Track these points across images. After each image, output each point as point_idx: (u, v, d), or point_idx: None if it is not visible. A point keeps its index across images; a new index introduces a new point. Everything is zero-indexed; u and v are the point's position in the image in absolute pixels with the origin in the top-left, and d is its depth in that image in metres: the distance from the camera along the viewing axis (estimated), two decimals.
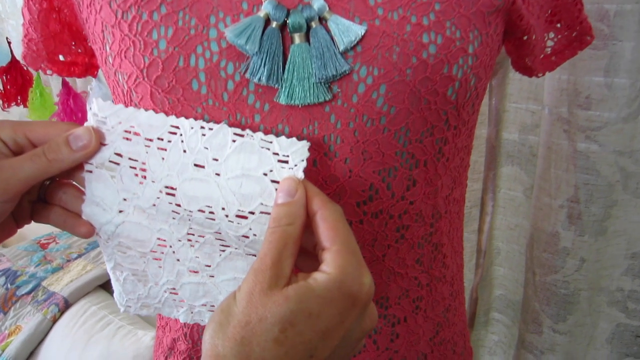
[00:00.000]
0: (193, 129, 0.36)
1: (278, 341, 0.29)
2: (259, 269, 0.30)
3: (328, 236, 0.31)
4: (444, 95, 0.39)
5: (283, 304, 0.29)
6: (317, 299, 0.29)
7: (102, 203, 0.38)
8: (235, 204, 0.35)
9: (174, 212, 0.37)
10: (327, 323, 0.29)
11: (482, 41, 0.39)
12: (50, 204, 0.39)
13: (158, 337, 0.58)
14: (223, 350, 0.29)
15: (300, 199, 0.33)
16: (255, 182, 0.35)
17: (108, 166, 0.37)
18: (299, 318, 0.29)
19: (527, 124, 0.76)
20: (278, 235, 0.31)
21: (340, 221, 0.32)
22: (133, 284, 0.41)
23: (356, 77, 0.37)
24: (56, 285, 1.42)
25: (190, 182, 0.36)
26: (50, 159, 0.35)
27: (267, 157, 0.35)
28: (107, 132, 0.37)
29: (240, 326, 0.29)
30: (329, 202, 0.33)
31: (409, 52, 0.36)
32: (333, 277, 0.30)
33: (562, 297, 0.69)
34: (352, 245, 0.31)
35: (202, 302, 0.41)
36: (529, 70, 0.50)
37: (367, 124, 0.38)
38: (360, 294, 0.30)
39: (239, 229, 0.35)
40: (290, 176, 0.34)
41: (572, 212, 0.64)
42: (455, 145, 0.43)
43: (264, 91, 0.37)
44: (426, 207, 0.44)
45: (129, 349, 1.15)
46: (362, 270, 0.31)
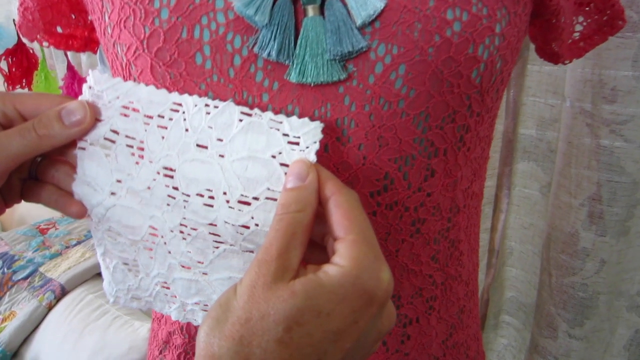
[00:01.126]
0: (197, 106, 0.33)
1: (282, 342, 0.25)
2: (263, 259, 0.27)
3: (342, 225, 0.28)
4: (468, 77, 0.35)
5: (289, 300, 0.26)
6: (328, 295, 0.26)
7: (94, 183, 0.35)
8: (238, 188, 0.32)
9: (170, 196, 0.34)
10: (338, 323, 0.26)
11: (509, 20, 0.36)
12: (41, 182, 0.37)
13: (153, 330, 0.55)
14: (219, 350, 0.26)
15: (311, 183, 0.30)
16: (262, 165, 0.32)
17: (103, 144, 0.34)
18: (306, 316, 0.26)
19: (545, 118, 0.72)
20: (286, 223, 0.28)
21: (356, 208, 0.29)
22: (123, 274, 0.38)
23: (373, 56, 0.34)
24: (53, 272, 1.39)
25: (192, 164, 0.33)
26: (40, 135, 0.33)
27: (276, 139, 0.32)
28: (103, 107, 0.34)
29: (240, 323, 0.26)
30: (343, 187, 0.30)
31: (432, 29, 0.33)
32: (347, 270, 0.27)
33: (580, 300, 0.66)
34: (369, 236, 0.28)
35: (195, 300, 0.38)
36: (555, 56, 0.47)
37: (384, 107, 0.35)
38: (377, 291, 0.27)
39: (239, 217, 0.32)
40: (302, 159, 0.31)
41: (593, 211, 0.61)
42: (477, 134, 0.40)
43: (273, 68, 0.34)
44: (444, 199, 0.41)
45: (125, 340, 1.13)
46: (380, 264, 0.28)
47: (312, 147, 0.32)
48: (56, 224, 1.68)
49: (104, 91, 0.34)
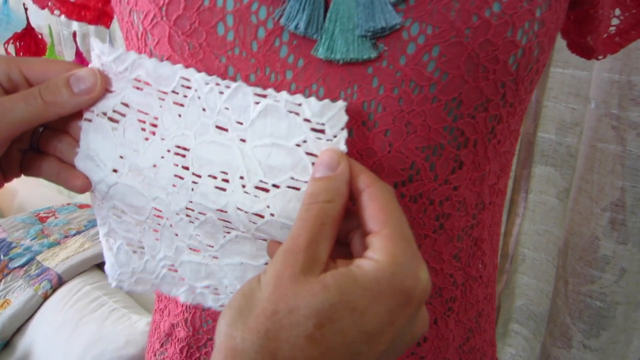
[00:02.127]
0: (208, 85, 0.31)
1: (312, 339, 0.23)
2: (290, 250, 0.25)
3: (377, 218, 0.26)
4: (505, 63, 0.33)
5: (320, 294, 0.24)
6: (362, 291, 0.24)
7: (97, 158, 0.33)
8: (258, 174, 0.30)
9: (177, 176, 0.31)
10: (374, 323, 0.24)
11: (550, 5, 0.34)
12: (43, 154, 0.34)
13: (155, 322, 0.53)
14: (242, 344, 0.24)
15: (342, 173, 0.28)
16: (286, 153, 0.30)
17: (112, 116, 0.32)
18: (340, 313, 0.23)
19: (566, 121, 0.70)
20: (314, 213, 0.26)
21: (392, 202, 0.27)
22: (127, 256, 0.36)
23: (406, 35, 0.32)
24: (51, 261, 1.37)
25: (210, 145, 0.31)
26: (47, 102, 0.31)
27: (297, 125, 0.30)
28: (114, 78, 0.32)
29: (265, 316, 0.24)
30: (378, 180, 0.28)
31: (470, 8, 0.31)
32: (383, 266, 0.25)
33: (597, 310, 0.63)
34: (405, 232, 0.26)
35: (205, 284, 0.36)
36: (588, 51, 0.45)
37: (415, 92, 0.33)
38: (415, 291, 0.25)
39: (254, 204, 0.30)
40: (332, 148, 0.29)
41: (615, 218, 0.59)
42: (508, 126, 0.38)
43: (299, 43, 0.32)
44: (470, 194, 0.39)
45: (122, 333, 1.10)
46: (418, 261, 0.26)
47: (340, 135, 0.29)
48: (56, 213, 1.65)
49: (113, 61, 0.32)
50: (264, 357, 0.23)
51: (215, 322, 0.45)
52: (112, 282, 0.38)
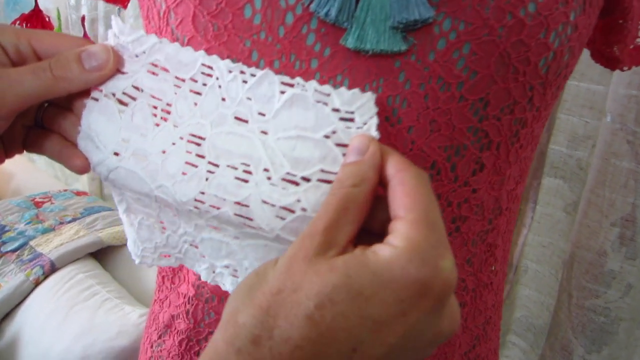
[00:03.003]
0: (232, 73, 0.30)
1: (311, 319, 0.22)
2: (308, 232, 0.24)
3: (404, 203, 0.25)
4: (536, 65, 0.33)
5: (325, 275, 0.23)
6: (371, 276, 0.23)
7: (97, 139, 0.31)
8: (284, 166, 0.28)
9: (189, 164, 0.30)
10: (380, 310, 0.23)
11: (584, 10, 0.33)
12: (47, 131, 0.33)
13: (153, 312, 0.52)
14: (243, 318, 0.23)
15: (371, 158, 0.26)
16: (313, 146, 0.28)
17: (120, 98, 0.31)
18: (342, 296, 0.22)
19: (578, 134, 0.70)
20: (338, 197, 0.25)
21: (422, 187, 0.25)
22: (149, 230, 0.35)
23: (437, 30, 0.31)
24: (44, 247, 1.35)
25: (227, 136, 0.29)
26: (56, 76, 0.30)
27: (325, 115, 0.28)
28: (128, 60, 0.31)
29: (271, 293, 0.23)
30: (411, 165, 0.26)
31: (505, 6, 0.30)
32: (400, 252, 0.23)
33: (600, 325, 0.63)
34: (433, 217, 0.24)
35: (225, 263, 0.34)
36: (613, 61, 0.44)
37: (441, 89, 0.32)
38: (433, 281, 0.23)
39: (283, 197, 0.28)
40: (362, 134, 0.28)
41: (624, 233, 0.58)
42: (532, 131, 0.38)
43: (327, 32, 0.31)
44: (489, 198, 0.38)
45: (114, 324, 1.08)
46: (441, 249, 0.24)
47: (371, 122, 0.28)
48: (52, 199, 1.63)
49: (130, 43, 0.31)
50: (261, 332, 0.23)
51: (218, 316, 0.44)
52: (135, 259, 0.37)
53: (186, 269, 0.45)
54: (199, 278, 0.43)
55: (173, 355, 0.47)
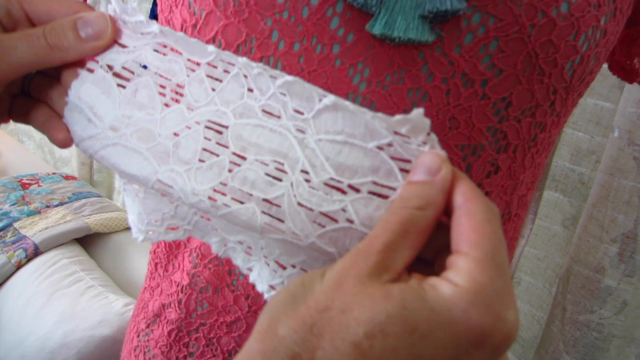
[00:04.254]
0: (255, 69, 0.27)
1: (359, 348, 0.20)
2: (363, 250, 0.23)
3: (469, 238, 0.22)
4: (562, 68, 0.32)
5: (379, 302, 0.21)
6: (429, 313, 0.21)
7: (90, 112, 0.29)
8: (327, 171, 0.26)
9: (208, 151, 0.27)
10: (434, 352, 0.21)
11: (614, 15, 0.33)
12: (33, 100, 0.32)
13: (142, 300, 0.50)
14: (283, 330, 0.21)
15: (442, 181, 0.24)
16: (363, 155, 0.25)
17: (119, 72, 0.29)
18: (396, 328, 0.21)
19: (582, 149, 0.69)
20: (400, 217, 0.23)
21: (492, 223, 0.23)
22: (156, 200, 0.32)
23: (465, 24, 0.30)
24: (29, 230, 1.32)
25: (255, 128, 0.27)
26: (50, 44, 0.28)
27: (376, 127, 0.25)
28: (131, 35, 0.29)
29: (317, 309, 0.21)
30: (482, 196, 0.24)
31: (538, 4, 0.29)
32: (462, 292, 0.21)
33: (592, 341, 0.62)
34: (499, 259, 0.22)
35: (239, 239, 0.32)
36: (632, 73, 0.44)
37: (465, 85, 0.31)
38: (494, 331, 0.21)
39: (325, 203, 0.25)
40: (435, 151, 0.25)
41: (624, 249, 0.58)
42: (549, 137, 0.37)
43: (352, 16, 0.30)
44: (500, 202, 0.37)
45: (97, 312, 1.06)
46: (507, 297, 0.21)
47: (431, 140, 0.25)
48: (40, 181, 1.60)
49: (133, 23, 0.29)
50: (302, 351, 0.21)
51: (211, 307, 0.43)
52: (139, 236, 0.34)
53: (181, 256, 0.43)
54: (195, 266, 0.42)
55: (161, 346, 0.46)
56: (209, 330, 0.42)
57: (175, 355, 0.45)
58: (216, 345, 0.42)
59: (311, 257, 0.29)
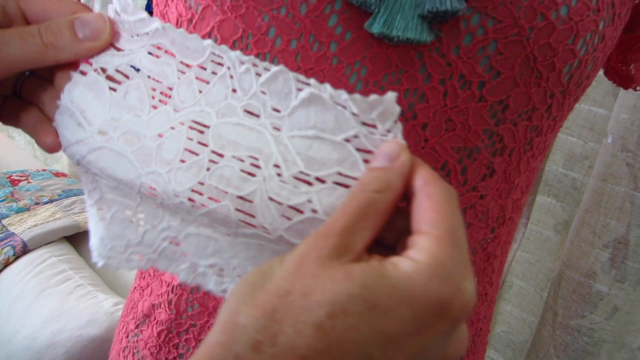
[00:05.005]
0: (244, 65, 0.27)
1: (321, 328, 0.20)
2: (323, 233, 0.23)
3: (430, 218, 0.23)
4: (560, 72, 0.32)
5: (340, 282, 0.21)
6: (389, 289, 0.21)
7: (80, 116, 0.29)
8: (297, 165, 0.26)
9: (189, 150, 0.27)
10: (395, 327, 0.21)
11: (612, 20, 0.33)
12: (24, 102, 0.31)
13: (132, 300, 0.49)
14: (244, 320, 0.21)
15: (401, 166, 0.25)
16: (332, 148, 0.26)
17: (112, 75, 0.29)
18: (357, 307, 0.21)
19: (575, 154, 0.70)
20: (359, 201, 0.24)
21: (450, 204, 0.24)
22: (122, 225, 0.32)
23: (464, 25, 0.30)
24: (17, 227, 1.30)
25: (235, 127, 0.27)
26: (46, 43, 0.27)
27: (346, 118, 0.26)
28: (127, 38, 0.29)
29: (277, 295, 0.21)
30: (441, 180, 0.25)
31: (538, 7, 0.29)
32: (421, 267, 0.22)
33: (583, 346, 0.62)
34: (458, 237, 0.23)
35: (210, 262, 0.31)
36: (627, 80, 0.44)
37: (462, 87, 0.31)
38: (453, 302, 0.21)
39: (293, 196, 0.26)
40: (394, 140, 0.26)
41: (616, 255, 0.58)
42: (545, 141, 0.37)
43: (351, 15, 0.30)
44: (495, 206, 0.37)
45: (85, 311, 1.04)
46: (464, 270, 0.22)
47: (395, 129, 0.26)
48: (29, 177, 1.58)
49: (133, 22, 0.28)
50: (263, 338, 0.21)
51: (202, 308, 0.42)
52: (99, 261, 0.33)
53: None
54: None
55: (150, 347, 0.45)
56: (199, 332, 0.42)
57: (164, 357, 0.44)
58: None
59: None
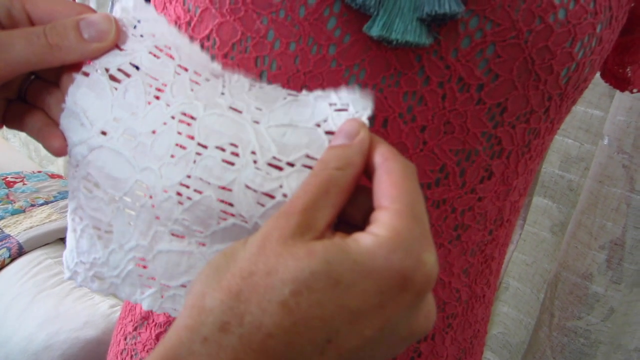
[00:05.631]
0: (239, 81, 0.29)
1: (286, 306, 0.21)
2: (284, 212, 0.23)
3: (389, 193, 0.23)
4: (558, 75, 0.32)
5: (303, 259, 0.21)
6: (352, 264, 0.22)
7: (83, 116, 0.29)
8: (271, 151, 0.27)
9: (179, 145, 0.28)
10: (359, 301, 0.21)
11: (610, 24, 0.33)
12: (29, 106, 0.31)
13: (130, 303, 0.49)
14: (210, 303, 0.21)
15: (360, 143, 0.25)
16: (303, 133, 0.27)
17: (114, 74, 0.29)
18: (321, 283, 0.21)
19: (571, 156, 0.70)
20: (320, 179, 0.24)
21: (410, 180, 0.24)
22: (90, 241, 0.32)
23: (463, 28, 0.30)
24: (13, 229, 1.29)
25: (219, 118, 0.28)
26: (51, 43, 0.27)
27: (322, 108, 0.28)
28: (131, 38, 0.29)
29: (241, 276, 0.22)
30: (399, 156, 0.25)
31: (536, 10, 0.29)
32: (382, 241, 0.22)
33: (580, 347, 0.62)
34: (418, 210, 0.23)
35: (181, 282, 0.31)
36: (623, 82, 0.44)
37: (460, 90, 0.31)
38: (415, 274, 0.22)
39: (265, 182, 0.27)
40: (354, 118, 0.26)
41: (612, 257, 0.59)
42: (542, 143, 0.37)
43: (349, 17, 0.30)
44: (493, 208, 0.37)
45: (82, 313, 1.04)
46: (425, 243, 0.23)
47: (363, 112, 0.27)
48: (25, 179, 1.57)
49: (141, 22, 0.29)
50: (230, 319, 0.21)
51: None
52: (66, 272, 0.33)
53: None
54: None
55: (148, 349, 0.45)
56: None
57: None
58: None
59: None
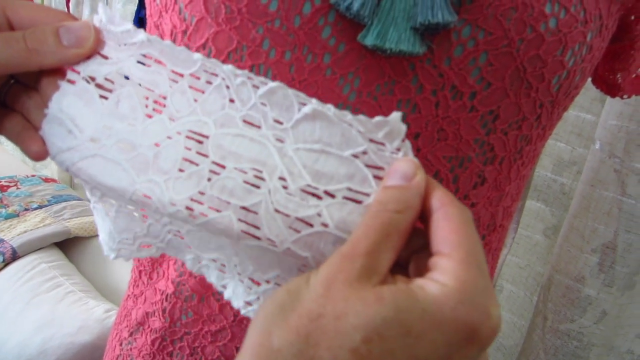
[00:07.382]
0: (239, 77, 0.27)
1: (357, 353, 0.21)
2: (348, 254, 0.23)
3: (450, 240, 0.23)
4: (549, 83, 0.32)
5: (373, 306, 0.21)
6: (422, 313, 0.21)
7: (71, 124, 0.29)
8: (304, 178, 0.26)
9: (188, 160, 0.27)
10: (428, 352, 0.21)
11: (600, 32, 0.33)
12: (8, 109, 0.31)
13: (125, 308, 0.49)
14: (279, 343, 0.21)
15: (417, 186, 0.25)
16: (339, 162, 0.26)
17: (102, 83, 0.29)
18: (392, 331, 0.21)
19: (563, 159, 0.71)
20: (381, 221, 0.24)
21: (469, 225, 0.24)
22: (128, 218, 0.32)
23: (455, 37, 0.30)
24: (7, 233, 1.29)
25: (235, 138, 0.27)
26: (30, 48, 0.27)
27: (353, 135, 0.26)
28: (114, 47, 0.29)
29: (309, 318, 0.21)
30: (456, 200, 0.25)
31: (527, 19, 0.30)
32: (450, 291, 0.22)
33: (573, 350, 0.63)
34: (480, 259, 0.23)
35: (213, 257, 0.32)
36: (614, 88, 0.45)
37: (453, 97, 0.32)
38: (482, 327, 0.21)
39: (300, 208, 0.26)
40: (408, 158, 0.26)
41: (604, 260, 0.59)
42: (534, 149, 0.37)
43: (344, 27, 0.30)
44: (486, 214, 0.38)
45: (76, 317, 1.03)
46: (490, 295, 0.22)
47: (405, 148, 0.26)
48: (18, 183, 1.56)
49: (120, 33, 0.29)
50: None
51: (196, 316, 0.42)
52: (110, 254, 0.34)
53: (166, 264, 0.43)
54: (180, 275, 0.41)
55: (144, 355, 0.45)
56: (193, 339, 0.42)
57: None
58: (200, 354, 0.42)
59: (285, 271, 0.29)
